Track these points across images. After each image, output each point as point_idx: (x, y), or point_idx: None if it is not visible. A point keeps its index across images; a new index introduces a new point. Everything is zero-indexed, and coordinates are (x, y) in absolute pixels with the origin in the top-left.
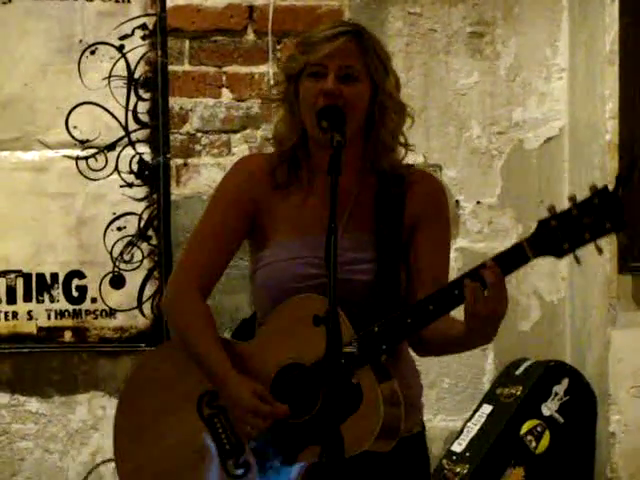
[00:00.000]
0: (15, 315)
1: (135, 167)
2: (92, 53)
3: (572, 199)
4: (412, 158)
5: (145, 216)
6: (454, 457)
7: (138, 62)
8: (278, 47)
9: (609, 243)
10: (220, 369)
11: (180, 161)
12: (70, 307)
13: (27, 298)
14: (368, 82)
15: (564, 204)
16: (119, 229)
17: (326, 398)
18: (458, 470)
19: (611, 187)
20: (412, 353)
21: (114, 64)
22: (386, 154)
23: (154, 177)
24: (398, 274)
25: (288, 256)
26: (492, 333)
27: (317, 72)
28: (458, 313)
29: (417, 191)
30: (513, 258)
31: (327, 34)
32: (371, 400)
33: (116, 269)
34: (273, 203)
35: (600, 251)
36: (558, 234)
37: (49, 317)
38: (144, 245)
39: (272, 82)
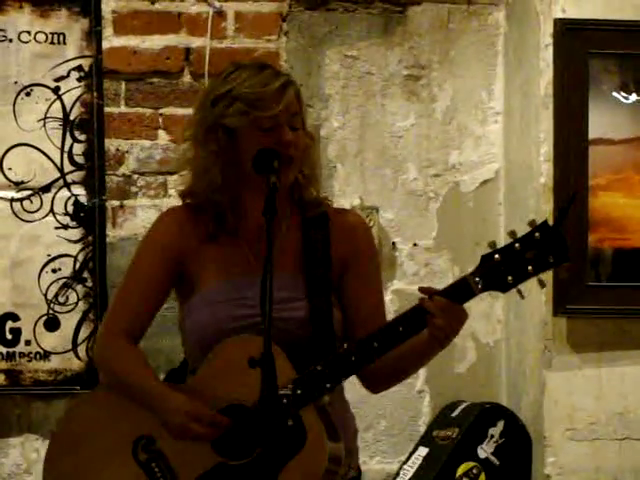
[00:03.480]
0: None
1: (70, 209)
2: (27, 95)
3: (512, 234)
4: (349, 200)
5: (80, 258)
6: None
7: (74, 104)
8: None
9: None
10: (155, 389)
11: (116, 203)
12: (4, 349)
13: None
14: (302, 125)
15: (500, 246)
16: (54, 271)
17: (266, 441)
18: None
19: (550, 222)
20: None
21: (49, 106)
22: (307, 189)
23: (90, 219)
24: (330, 311)
25: (221, 299)
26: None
27: (267, 126)
28: None
29: (341, 228)
30: (458, 293)
31: (273, 88)
32: (316, 439)
33: (51, 311)
34: (200, 252)
35: (543, 285)
36: (502, 268)
37: None
38: (79, 287)
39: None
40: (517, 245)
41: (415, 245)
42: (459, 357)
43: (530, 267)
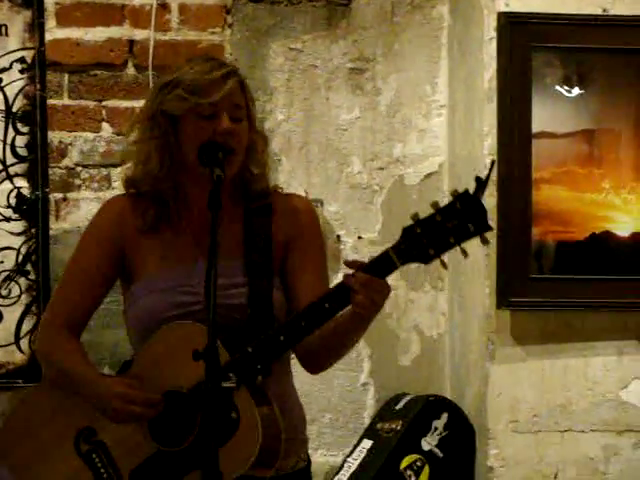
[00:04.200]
0: None
1: (13, 201)
2: None
3: (435, 205)
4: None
5: (23, 251)
6: None
7: (16, 96)
8: None
9: (487, 278)
10: (89, 375)
11: (59, 195)
12: None
13: None
14: (247, 120)
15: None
16: None
17: (203, 424)
18: None
19: (472, 191)
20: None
21: None
22: (256, 184)
23: (33, 211)
24: (270, 296)
25: (160, 287)
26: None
27: (207, 113)
28: None
29: (284, 211)
30: (381, 267)
31: (215, 76)
32: (249, 423)
33: None
34: (141, 242)
35: (465, 254)
36: (423, 240)
37: None
38: (22, 280)
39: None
40: (438, 217)
41: (360, 238)
42: (403, 350)
43: (451, 237)
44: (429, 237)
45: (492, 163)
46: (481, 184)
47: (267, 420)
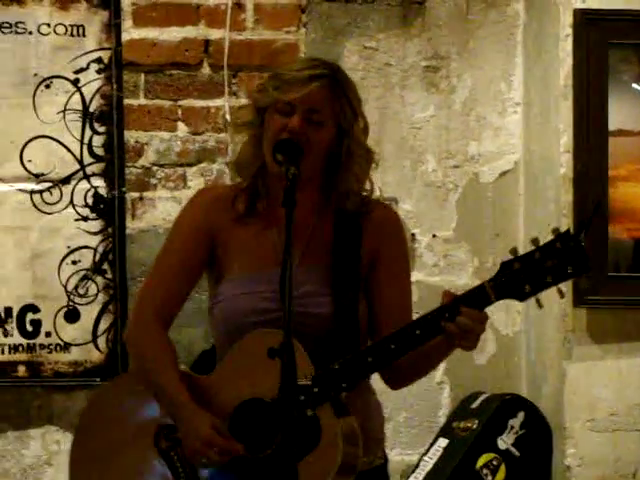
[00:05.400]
0: None
1: (90, 201)
2: (47, 87)
3: (535, 242)
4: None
5: (100, 250)
6: None
7: (93, 96)
8: (234, 81)
9: None
10: (179, 400)
11: (135, 194)
12: (24, 341)
13: None
14: (334, 127)
15: (519, 237)
16: (74, 263)
17: (284, 434)
18: None
19: (573, 231)
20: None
21: (69, 98)
22: (352, 197)
23: (109, 211)
24: (356, 307)
25: (245, 291)
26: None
27: (285, 110)
28: None
29: (374, 223)
30: (475, 300)
31: (300, 76)
32: (330, 437)
33: (71, 303)
34: (231, 235)
35: (562, 295)
36: (520, 276)
37: (3, 351)
38: (99, 279)
39: (234, 109)
40: (537, 254)
41: (434, 236)
42: (479, 348)
43: (549, 277)
44: (527, 274)
45: (596, 206)
46: (583, 226)
47: (348, 435)
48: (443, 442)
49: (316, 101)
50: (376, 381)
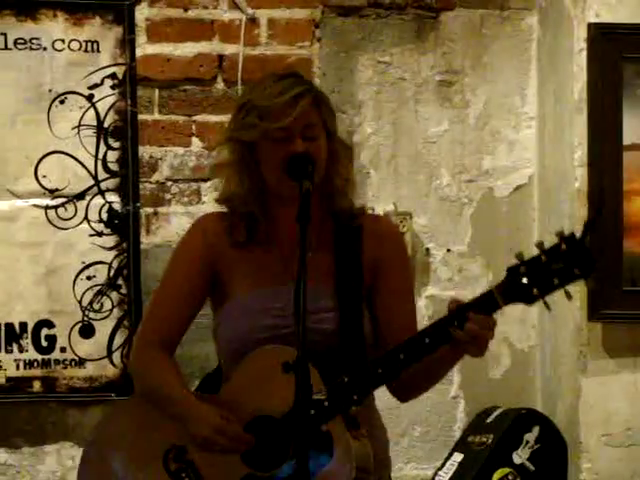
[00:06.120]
0: None
1: (105, 216)
2: (61, 102)
3: (540, 246)
4: (382, 206)
5: (115, 265)
6: None
7: (108, 111)
8: None
9: (578, 290)
10: (186, 400)
11: (150, 210)
12: (39, 357)
13: None
14: (324, 134)
15: (533, 252)
16: (89, 278)
17: (298, 450)
18: None
19: (578, 234)
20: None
21: (83, 113)
22: (341, 198)
23: (124, 226)
24: (361, 321)
25: (252, 308)
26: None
27: (280, 136)
28: None
29: (374, 234)
30: (484, 306)
31: (284, 99)
32: (343, 456)
33: (85, 318)
34: (233, 260)
35: (569, 297)
36: (528, 280)
37: (18, 367)
38: (114, 294)
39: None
40: (543, 257)
41: (449, 251)
42: (494, 363)
43: (556, 279)
44: (534, 277)
45: (599, 208)
46: (588, 228)
47: (360, 454)
48: (458, 457)
49: (307, 117)
50: (387, 396)
